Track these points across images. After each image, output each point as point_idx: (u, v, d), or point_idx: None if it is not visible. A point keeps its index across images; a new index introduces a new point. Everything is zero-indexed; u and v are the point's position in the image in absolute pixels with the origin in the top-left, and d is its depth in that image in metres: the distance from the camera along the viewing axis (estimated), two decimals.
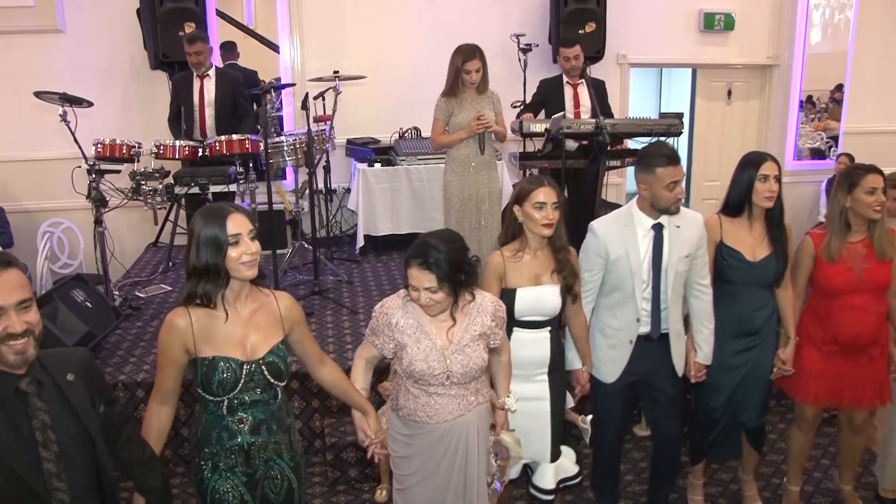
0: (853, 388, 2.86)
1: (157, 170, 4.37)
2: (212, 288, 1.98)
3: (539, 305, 2.57)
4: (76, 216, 5.61)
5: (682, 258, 2.67)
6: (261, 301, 2.10)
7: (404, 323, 2.27)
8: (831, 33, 6.82)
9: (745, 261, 2.77)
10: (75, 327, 3.59)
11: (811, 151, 7.06)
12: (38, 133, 5.65)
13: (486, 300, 2.33)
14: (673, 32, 6.71)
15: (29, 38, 5.65)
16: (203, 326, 2.00)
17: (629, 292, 2.68)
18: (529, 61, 5.80)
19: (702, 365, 2.84)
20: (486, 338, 2.31)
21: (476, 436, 2.35)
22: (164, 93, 5.03)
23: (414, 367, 2.23)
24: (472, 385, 2.31)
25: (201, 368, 1.99)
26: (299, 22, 6.06)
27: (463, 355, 2.25)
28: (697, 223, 2.73)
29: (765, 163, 2.73)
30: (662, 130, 4.77)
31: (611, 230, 2.68)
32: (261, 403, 2.06)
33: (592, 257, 2.69)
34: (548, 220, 2.50)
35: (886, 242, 2.76)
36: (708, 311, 2.80)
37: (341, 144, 5.99)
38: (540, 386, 2.63)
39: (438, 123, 4.10)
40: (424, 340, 2.25)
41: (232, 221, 1.96)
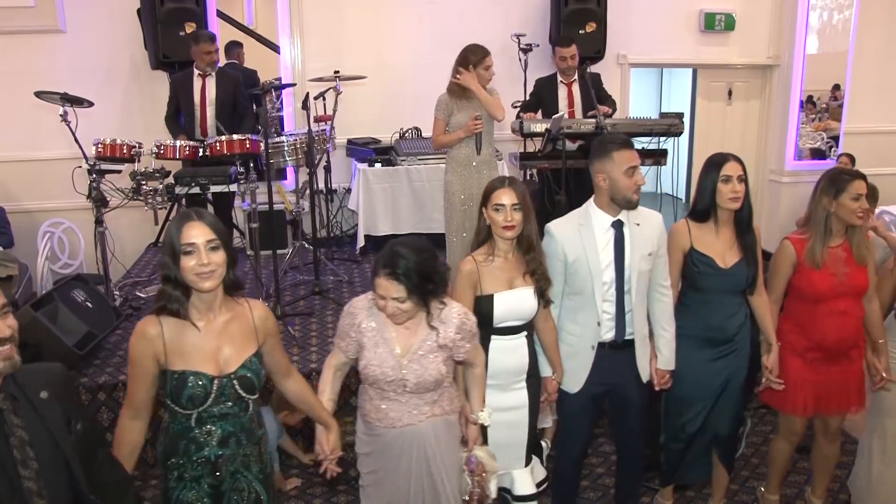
0: (837, 393, 2.84)
1: (157, 170, 4.37)
2: (178, 297, 1.91)
3: (517, 309, 2.49)
4: (76, 216, 5.60)
5: (645, 257, 2.57)
6: (235, 311, 2.03)
7: (366, 325, 2.23)
8: (831, 34, 6.82)
9: (716, 267, 2.68)
10: (75, 327, 3.59)
11: (812, 151, 7.05)
12: (38, 133, 5.65)
13: (453, 311, 2.25)
14: (673, 32, 6.71)
15: (29, 38, 5.65)
16: (174, 337, 1.92)
17: (589, 295, 2.56)
18: (530, 61, 5.80)
19: (664, 371, 2.71)
20: (446, 350, 2.24)
21: (436, 448, 2.27)
22: (164, 93, 5.03)
23: (368, 370, 2.22)
24: (427, 395, 2.25)
25: (171, 382, 1.92)
26: (299, 22, 6.06)
27: (418, 365, 2.20)
28: (657, 221, 2.64)
29: (727, 163, 2.65)
30: (663, 130, 4.78)
31: (568, 231, 2.58)
32: (231, 416, 2.00)
33: (552, 261, 2.58)
34: (507, 222, 2.42)
35: (864, 247, 2.76)
36: (669, 315, 2.69)
37: (342, 144, 5.99)
38: (519, 394, 2.56)
39: (439, 123, 4.11)
40: (382, 346, 2.21)
41: (190, 229, 1.88)
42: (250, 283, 5.07)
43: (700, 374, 2.75)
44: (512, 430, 2.57)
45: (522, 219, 2.43)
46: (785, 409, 2.92)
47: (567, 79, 4.95)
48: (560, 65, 4.92)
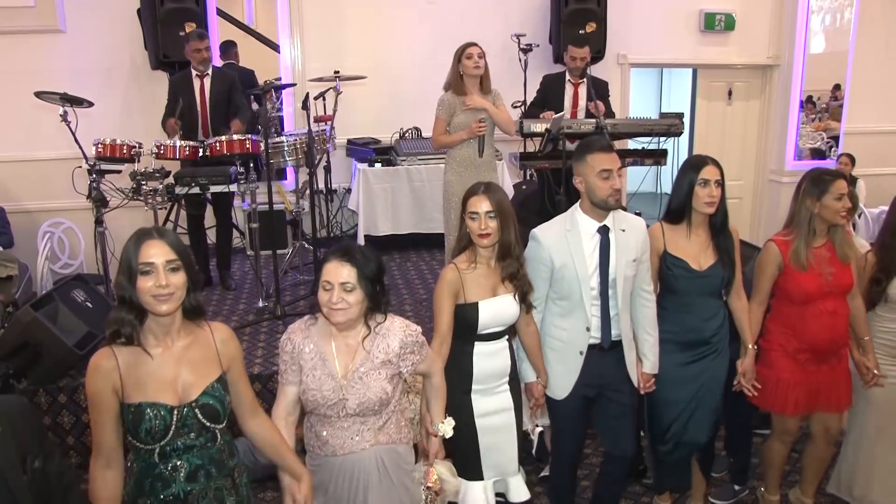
0: (828, 391, 2.84)
1: (157, 170, 4.37)
2: (132, 321, 1.77)
3: (501, 316, 2.47)
4: (77, 216, 5.60)
5: (630, 262, 2.56)
6: (195, 335, 1.88)
7: (304, 347, 2.11)
8: (831, 34, 6.82)
9: (690, 270, 2.67)
10: (75, 327, 3.59)
11: (812, 151, 7.06)
12: (38, 133, 5.65)
13: (396, 324, 2.14)
14: (673, 32, 6.71)
15: (29, 38, 5.64)
16: (130, 368, 1.78)
17: (577, 300, 2.55)
18: (530, 61, 5.80)
19: (649, 375, 2.71)
20: (390, 366, 2.11)
21: (378, 480, 2.12)
22: (164, 93, 5.03)
23: (307, 395, 2.08)
24: (371, 420, 2.10)
25: (128, 415, 1.78)
26: (299, 22, 6.06)
27: (361, 385, 2.06)
28: (641, 227, 2.64)
29: (705, 167, 2.63)
30: (662, 130, 4.77)
31: (554, 237, 2.56)
32: (197, 448, 1.85)
33: (536, 266, 2.56)
34: (482, 230, 2.38)
35: (847, 245, 2.76)
36: (652, 319, 2.69)
37: (342, 144, 5.99)
38: (503, 397, 2.54)
39: (440, 123, 4.10)
40: (320, 369, 2.08)
41: (149, 248, 1.74)
42: (250, 284, 5.07)
43: (678, 377, 2.74)
44: (502, 433, 2.54)
45: (499, 226, 2.39)
46: (776, 409, 2.91)
47: (575, 79, 4.95)
48: (570, 64, 4.90)
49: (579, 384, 2.61)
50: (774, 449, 3.05)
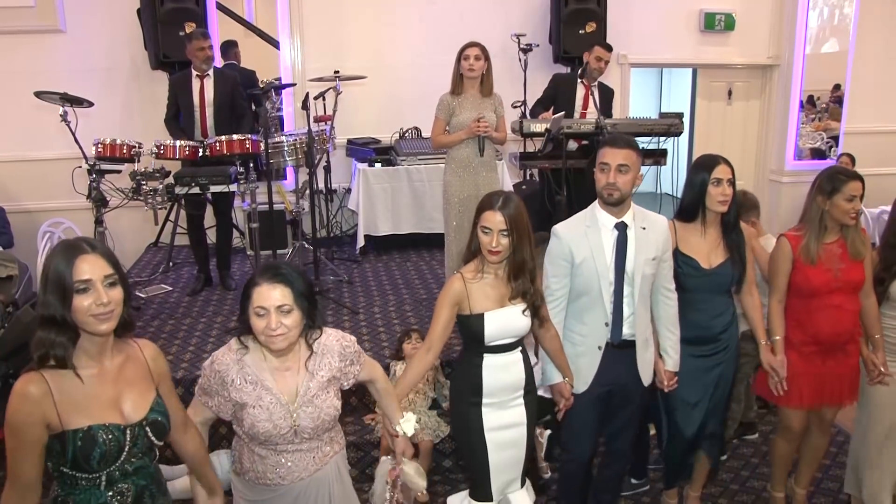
0: (833, 386, 2.86)
1: (157, 170, 4.36)
2: (64, 342, 1.61)
3: (509, 328, 2.39)
4: (76, 216, 5.61)
5: (649, 260, 2.56)
6: (126, 352, 1.77)
7: (240, 380, 1.97)
8: (831, 34, 6.82)
9: (700, 268, 2.71)
10: None
11: (812, 151, 7.06)
12: (38, 133, 5.65)
13: (331, 338, 2.06)
14: (673, 32, 6.72)
15: (29, 38, 5.65)
16: (65, 391, 1.62)
17: (597, 295, 2.56)
18: (530, 61, 5.80)
19: (672, 373, 2.73)
20: (336, 381, 2.07)
21: (336, 486, 2.12)
22: (164, 93, 5.03)
23: (257, 428, 1.95)
24: (325, 436, 2.07)
25: (74, 443, 1.61)
26: (299, 22, 6.07)
27: (312, 407, 1.99)
28: (663, 226, 2.63)
29: (718, 166, 2.67)
30: (662, 130, 4.77)
31: (574, 232, 2.58)
32: (142, 468, 1.75)
33: (558, 262, 2.57)
34: (493, 247, 2.31)
35: (860, 243, 2.77)
36: (674, 317, 2.71)
37: (342, 144, 5.99)
38: (517, 411, 2.47)
39: (439, 123, 4.10)
40: (266, 397, 1.96)
41: (83, 262, 1.60)
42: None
43: (690, 374, 2.77)
44: (511, 448, 2.48)
45: (511, 244, 2.32)
46: (780, 401, 2.94)
47: (589, 82, 4.95)
48: (593, 64, 4.89)
49: (597, 380, 2.63)
50: (778, 445, 3.07)
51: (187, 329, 4.26)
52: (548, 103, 4.94)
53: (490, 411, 2.43)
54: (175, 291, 4.96)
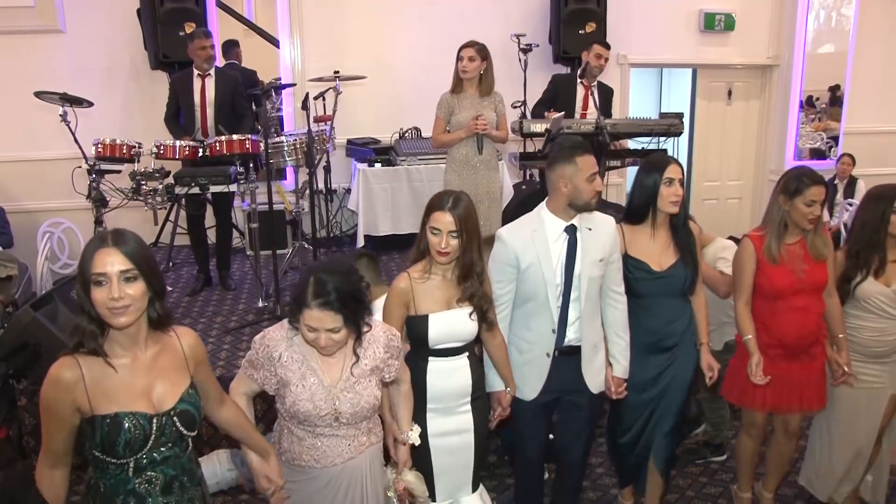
0: (798, 389, 2.82)
1: (157, 170, 4.36)
2: (93, 331, 1.66)
3: (454, 331, 2.34)
4: (76, 216, 5.60)
5: (596, 262, 2.49)
6: (162, 342, 1.80)
7: (288, 357, 2.03)
8: (831, 34, 6.83)
9: (651, 271, 2.64)
10: None
11: (811, 151, 7.06)
12: (38, 133, 5.65)
13: (378, 330, 2.11)
14: (673, 32, 6.72)
15: (29, 38, 5.64)
16: (97, 378, 1.67)
17: (543, 301, 2.48)
18: (529, 61, 5.80)
19: (620, 379, 2.65)
20: (378, 372, 2.10)
21: (369, 480, 2.15)
22: (164, 93, 5.03)
23: (298, 407, 2.01)
24: (363, 425, 2.11)
25: (101, 428, 1.66)
26: (299, 22, 6.07)
27: (353, 393, 2.03)
28: (610, 226, 2.56)
29: (669, 166, 2.61)
30: (662, 130, 4.78)
31: (520, 237, 2.49)
32: (171, 458, 1.77)
33: (503, 267, 2.49)
34: (441, 248, 2.26)
35: (821, 244, 2.74)
36: (622, 321, 2.63)
37: (341, 144, 5.99)
38: (464, 417, 2.43)
39: (439, 122, 4.10)
40: (310, 377, 2.02)
41: (101, 255, 1.62)
42: (250, 284, 5.07)
43: (641, 381, 2.70)
44: (457, 454, 2.43)
45: (460, 245, 2.28)
46: (744, 404, 2.91)
47: (589, 82, 4.95)
48: (593, 62, 4.90)
49: (545, 388, 2.56)
50: (743, 444, 3.04)
51: None
52: (549, 104, 4.95)
53: (434, 417, 2.38)
54: (175, 291, 4.95)
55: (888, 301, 2.80)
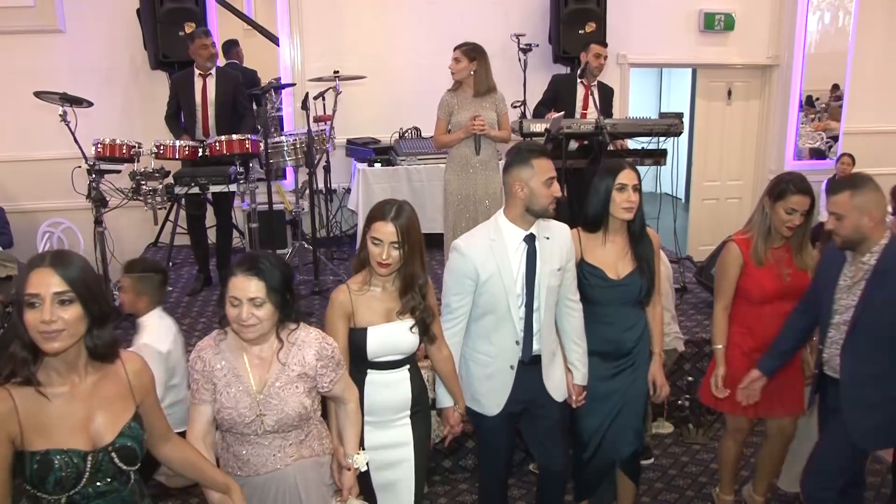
0: (783, 393, 2.81)
1: (157, 170, 4.36)
2: (25, 358, 1.54)
3: (393, 344, 2.27)
4: (76, 216, 5.60)
5: (554, 271, 2.44)
6: (104, 369, 1.67)
7: (217, 364, 1.98)
8: (831, 34, 6.83)
9: (607, 279, 2.59)
10: None
11: (811, 151, 7.06)
12: (38, 133, 5.65)
13: (311, 335, 2.03)
14: (673, 32, 6.71)
15: (29, 38, 5.64)
16: (31, 409, 1.55)
17: (504, 313, 2.41)
18: (529, 61, 5.80)
19: (580, 387, 2.61)
20: (307, 380, 2.01)
21: (303, 495, 2.05)
22: (164, 93, 5.03)
23: (222, 414, 1.97)
24: (292, 435, 2.02)
25: (31, 465, 1.56)
26: (299, 22, 6.06)
27: (277, 400, 1.96)
28: (565, 234, 2.51)
29: (622, 171, 2.55)
30: (662, 130, 4.77)
31: (479, 248, 2.41)
32: (110, 493, 1.66)
33: (461, 280, 2.40)
34: (382, 259, 2.18)
35: (808, 257, 2.73)
36: (579, 329, 2.59)
37: (341, 144, 5.99)
38: (402, 431, 2.34)
39: (441, 123, 4.11)
40: (235, 385, 1.97)
41: (35, 275, 1.53)
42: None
43: (599, 389, 2.65)
44: (395, 469, 2.34)
45: (401, 256, 2.20)
46: (728, 409, 2.88)
47: (589, 81, 4.95)
48: (594, 62, 4.90)
49: (510, 400, 2.51)
50: (726, 447, 3.02)
51: (187, 329, 4.26)
52: (550, 105, 4.96)
53: (371, 430, 2.30)
54: (175, 291, 4.95)
55: None
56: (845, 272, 2.48)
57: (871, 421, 2.42)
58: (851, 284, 2.46)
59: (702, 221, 7.19)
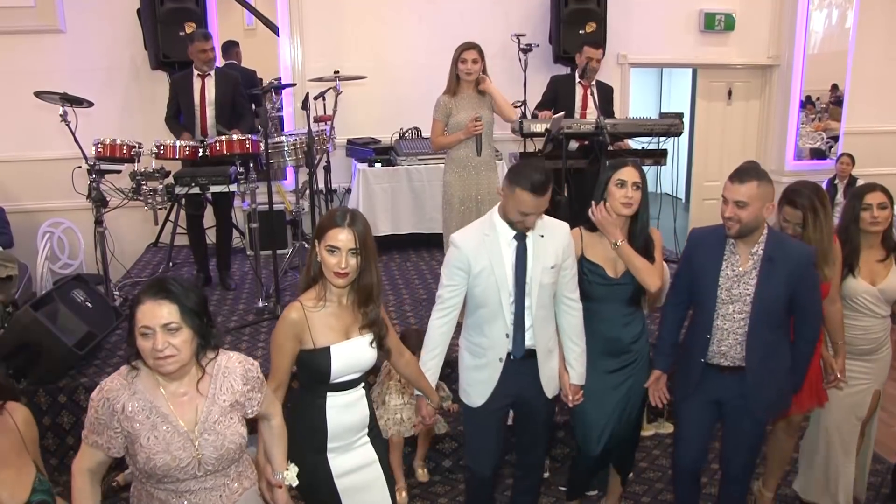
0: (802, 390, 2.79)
1: (157, 170, 4.36)
2: None
3: (356, 362, 2.16)
4: (76, 216, 5.61)
5: (547, 269, 2.44)
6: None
7: (132, 407, 1.76)
8: (831, 34, 6.83)
9: (606, 277, 2.61)
10: (75, 327, 3.59)
11: (811, 151, 7.06)
12: (38, 133, 5.65)
13: (233, 360, 1.90)
14: (673, 32, 6.72)
15: (29, 38, 5.65)
16: None
17: (496, 307, 2.43)
18: (529, 61, 5.80)
19: (577, 386, 2.61)
20: (239, 407, 1.88)
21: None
22: (164, 93, 5.03)
23: (154, 462, 1.75)
24: (231, 470, 1.88)
25: None
26: (299, 22, 6.07)
27: (215, 435, 1.80)
28: (563, 233, 2.51)
29: (624, 168, 2.57)
30: (662, 130, 4.78)
31: (473, 241, 2.44)
32: None
33: (454, 272, 2.43)
34: (340, 268, 2.04)
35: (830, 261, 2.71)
36: (578, 328, 2.58)
37: (342, 144, 5.99)
38: (364, 450, 2.25)
39: (437, 124, 4.10)
40: (162, 425, 1.76)
41: None
42: (250, 284, 5.07)
43: (599, 388, 2.65)
44: (370, 490, 2.26)
45: (359, 265, 2.07)
46: None
47: (588, 82, 4.95)
48: (582, 63, 4.91)
49: (496, 393, 2.51)
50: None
51: None
52: (549, 106, 4.95)
53: (336, 456, 2.18)
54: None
55: (874, 300, 2.83)
56: (731, 262, 2.52)
57: (769, 395, 2.56)
58: (742, 273, 2.50)
59: (702, 221, 7.08)
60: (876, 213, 2.78)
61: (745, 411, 2.58)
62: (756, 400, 2.55)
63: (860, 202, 2.80)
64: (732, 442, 2.69)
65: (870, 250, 2.86)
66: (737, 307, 2.51)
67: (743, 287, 2.50)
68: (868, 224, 2.80)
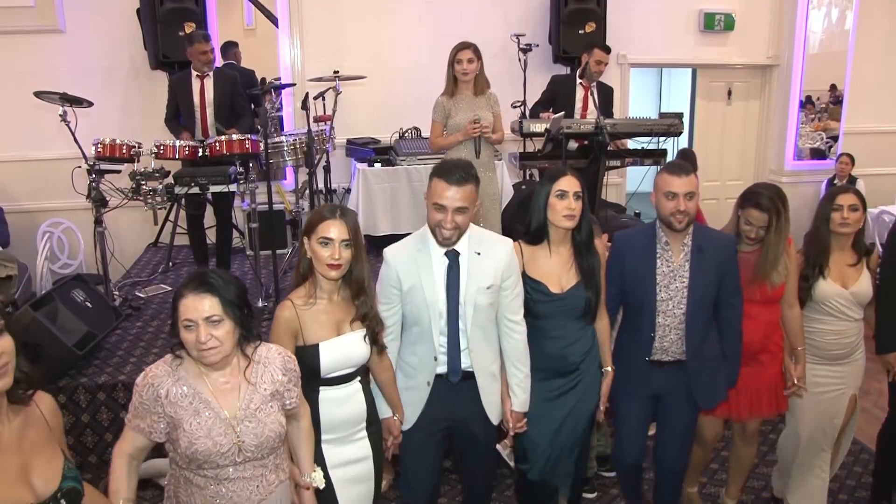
0: (749, 396, 2.81)
1: (157, 170, 4.36)
2: None
3: (347, 357, 2.16)
4: (76, 216, 5.61)
5: (483, 289, 2.29)
6: (23, 412, 1.54)
7: (175, 393, 1.80)
8: (831, 34, 6.83)
9: (549, 293, 2.45)
10: (75, 327, 3.59)
11: (811, 151, 7.06)
12: (38, 133, 5.65)
13: (273, 351, 1.93)
14: (673, 32, 6.72)
15: (29, 38, 5.65)
16: None
17: (426, 326, 2.31)
18: (529, 61, 5.80)
19: (519, 414, 2.45)
20: (279, 397, 1.90)
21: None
22: (164, 93, 5.03)
23: (196, 447, 1.77)
24: (269, 460, 1.89)
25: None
26: (299, 22, 6.07)
27: (255, 422, 1.83)
28: (504, 251, 2.35)
29: (563, 177, 2.42)
30: (662, 130, 4.78)
31: (403, 257, 2.32)
32: None
33: (387, 289, 2.32)
34: (334, 260, 2.06)
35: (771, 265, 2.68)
36: (520, 351, 2.42)
37: (341, 144, 5.99)
38: (360, 445, 2.25)
39: (436, 126, 4.11)
40: (205, 411, 1.80)
41: None
42: (250, 284, 5.07)
43: (544, 409, 2.51)
44: (360, 484, 2.26)
45: (352, 257, 2.11)
46: (720, 414, 2.88)
47: (588, 82, 4.96)
48: (593, 67, 4.91)
49: (425, 417, 2.39)
50: (693, 453, 3.00)
51: None
52: (547, 105, 4.95)
53: (331, 447, 2.20)
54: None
55: (846, 303, 2.81)
56: (665, 258, 2.55)
57: (707, 383, 2.61)
58: (676, 268, 2.53)
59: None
60: (846, 215, 2.77)
61: (683, 402, 2.63)
62: (699, 393, 2.60)
63: (832, 203, 2.80)
64: (669, 436, 2.72)
65: (841, 252, 2.84)
66: (675, 301, 2.55)
67: (679, 281, 2.55)
68: (838, 225, 2.79)
